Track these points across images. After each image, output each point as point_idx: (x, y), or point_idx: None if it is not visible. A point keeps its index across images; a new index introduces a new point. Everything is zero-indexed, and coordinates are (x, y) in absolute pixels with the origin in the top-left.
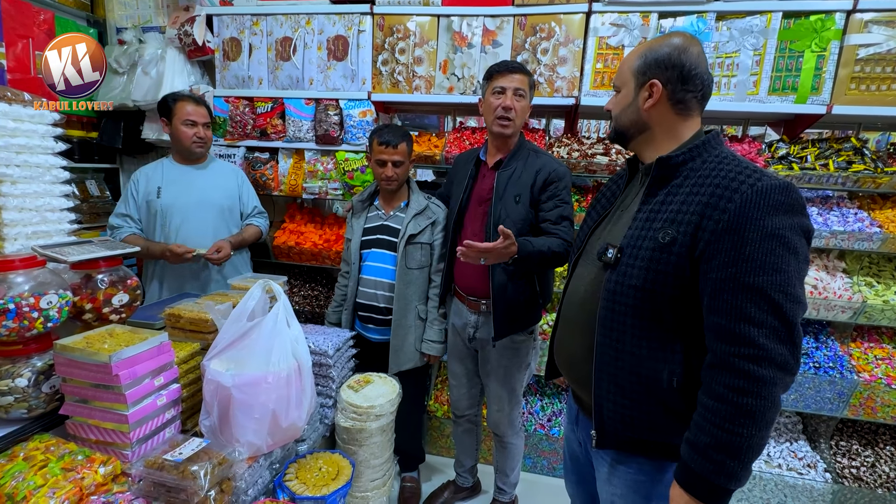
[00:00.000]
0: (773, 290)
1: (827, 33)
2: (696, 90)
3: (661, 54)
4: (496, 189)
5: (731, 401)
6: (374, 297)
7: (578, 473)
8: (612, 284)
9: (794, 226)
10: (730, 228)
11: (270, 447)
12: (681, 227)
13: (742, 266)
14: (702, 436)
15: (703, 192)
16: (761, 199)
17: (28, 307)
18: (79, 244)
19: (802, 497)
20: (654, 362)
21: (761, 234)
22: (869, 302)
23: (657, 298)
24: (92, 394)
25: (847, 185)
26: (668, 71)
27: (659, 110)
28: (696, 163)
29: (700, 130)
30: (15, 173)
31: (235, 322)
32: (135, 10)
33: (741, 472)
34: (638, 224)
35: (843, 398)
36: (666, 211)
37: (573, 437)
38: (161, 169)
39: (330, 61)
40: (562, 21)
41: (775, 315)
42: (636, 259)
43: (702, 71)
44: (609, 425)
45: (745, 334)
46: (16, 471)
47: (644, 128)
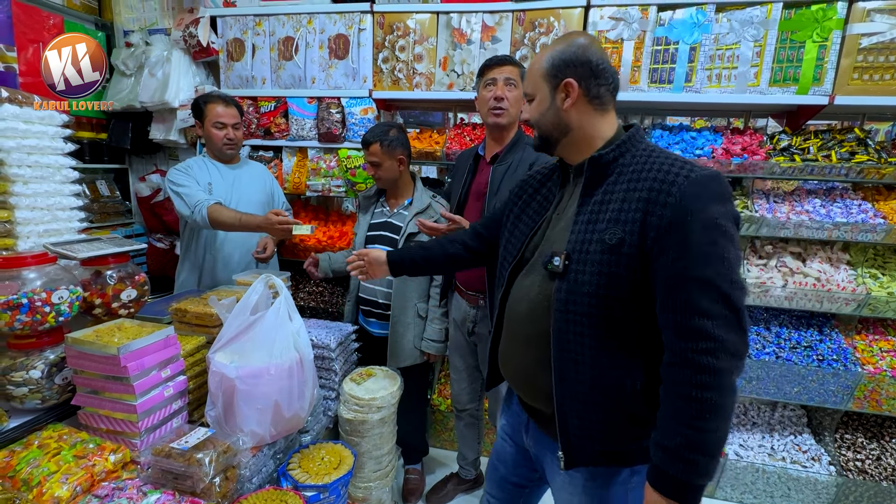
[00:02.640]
0: (720, 280)
1: (828, 23)
2: (607, 83)
3: (569, 54)
4: (491, 183)
5: (696, 398)
6: (374, 293)
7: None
8: (563, 294)
9: (728, 213)
10: (673, 222)
11: (274, 437)
12: (626, 225)
13: (689, 259)
14: (672, 437)
15: (642, 188)
16: (698, 189)
17: (41, 302)
18: (88, 241)
19: (806, 490)
20: (616, 370)
21: (702, 224)
22: (873, 294)
23: (612, 303)
24: (102, 385)
25: (850, 176)
26: (580, 68)
27: (578, 108)
28: (626, 158)
29: (620, 126)
30: (27, 173)
31: (239, 316)
32: (141, 13)
33: (712, 466)
34: (580, 227)
35: (848, 391)
36: (607, 210)
37: (511, 441)
38: (205, 165)
39: (331, 60)
40: (560, 16)
41: (725, 304)
42: (585, 264)
43: (608, 64)
44: (575, 442)
45: (700, 328)
46: (31, 458)
47: (566, 129)
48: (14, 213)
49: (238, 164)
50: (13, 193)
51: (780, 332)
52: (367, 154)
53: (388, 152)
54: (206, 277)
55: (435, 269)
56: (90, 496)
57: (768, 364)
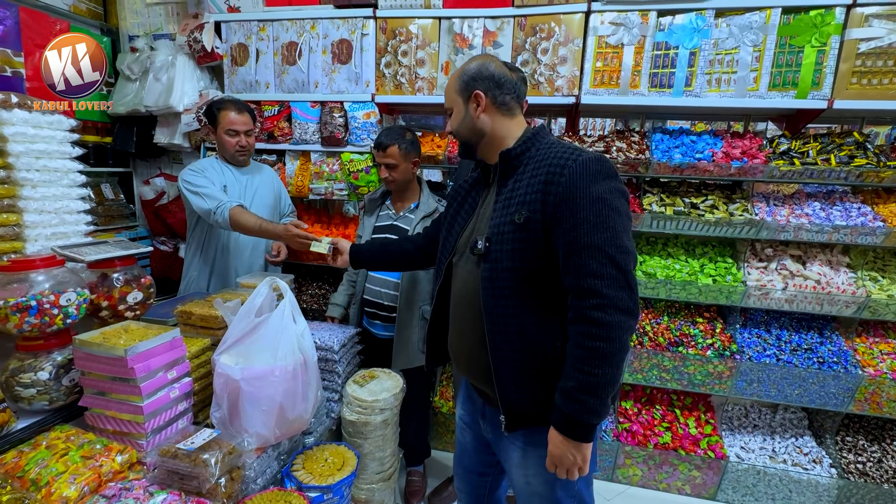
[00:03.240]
0: (607, 245)
1: (827, 28)
2: (510, 92)
3: (473, 71)
4: None
5: (587, 346)
6: (380, 295)
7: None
8: (487, 273)
9: (612, 189)
10: (565, 198)
11: (278, 438)
12: (531, 206)
13: (580, 229)
14: (568, 381)
15: (541, 173)
16: (583, 170)
17: (49, 304)
18: (95, 244)
19: (807, 492)
20: (540, 335)
21: (589, 199)
22: (873, 296)
23: (528, 274)
24: (109, 386)
25: (850, 179)
26: (485, 81)
27: (488, 115)
28: (532, 151)
29: (528, 126)
30: (35, 177)
31: (244, 318)
32: (146, 19)
33: (600, 407)
34: (497, 213)
35: (849, 393)
36: (517, 195)
37: (470, 431)
38: (220, 168)
39: (334, 65)
40: (561, 21)
41: (613, 265)
42: (502, 244)
43: (507, 77)
44: (515, 406)
45: (591, 287)
46: (39, 458)
47: (481, 133)
48: (23, 216)
49: (249, 167)
50: (22, 197)
51: (781, 334)
52: (383, 156)
53: (405, 155)
54: (216, 278)
55: (391, 265)
56: (98, 496)
57: (769, 366)
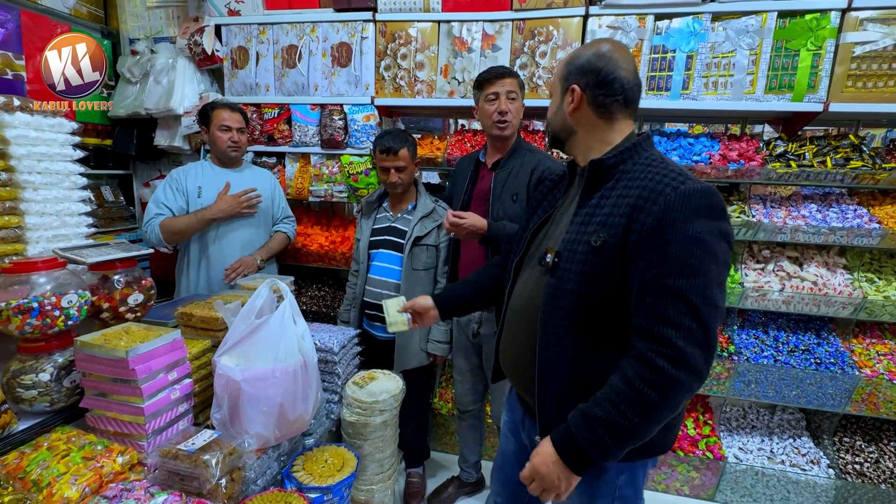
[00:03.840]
0: (691, 292)
1: (822, 32)
2: (615, 94)
3: (581, 61)
4: (493, 189)
5: (637, 388)
6: (381, 297)
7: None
8: (550, 289)
9: (714, 230)
10: (653, 231)
11: (278, 439)
12: (611, 229)
13: (664, 268)
14: (596, 409)
15: (631, 195)
16: (683, 202)
17: (50, 306)
18: (96, 246)
19: (805, 493)
20: (592, 366)
21: (683, 236)
22: (870, 297)
23: (591, 302)
24: (110, 388)
25: (846, 181)
26: (587, 76)
27: (582, 114)
28: (627, 165)
29: (632, 133)
30: (37, 180)
31: (244, 319)
32: (147, 22)
33: (615, 451)
34: (574, 228)
35: (846, 394)
36: (599, 214)
37: (513, 438)
38: (202, 170)
39: (334, 67)
40: (559, 24)
41: (692, 317)
42: (572, 263)
43: (622, 76)
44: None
45: (663, 336)
46: (40, 459)
47: (571, 131)
48: (24, 218)
49: (240, 168)
50: (24, 199)
51: (778, 335)
52: (394, 159)
53: (412, 156)
54: (203, 280)
55: (485, 299)
56: (99, 497)
57: (766, 367)
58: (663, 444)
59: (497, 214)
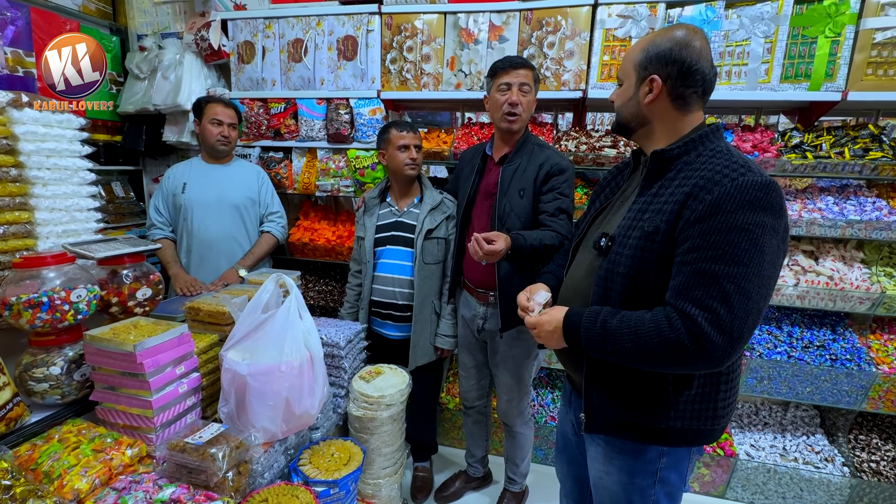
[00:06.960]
0: (726, 279)
1: (841, 18)
2: (696, 86)
3: (663, 49)
4: (501, 183)
5: (649, 331)
6: (393, 295)
7: (569, 454)
8: (602, 272)
9: (767, 224)
10: (702, 217)
11: (285, 433)
12: (664, 215)
13: (704, 252)
14: (612, 319)
15: (688, 185)
16: (738, 193)
17: (60, 300)
18: (105, 241)
19: (819, 491)
20: None
21: (729, 225)
22: (888, 292)
23: (641, 285)
24: (119, 381)
25: (864, 173)
26: (669, 67)
27: (658, 105)
28: (691, 156)
29: (701, 124)
30: (46, 176)
31: (250, 314)
32: (154, 18)
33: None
34: (631, 215)
35: (862, 391)
36: (656, 203)
37: (567, 417)
38: (189, 166)
39: (340, 61)
40: (568, 14)
41: (722, 303)
42: (624, 248)
43: (703, 66)
44: (597, 409)
45: (690, 314)
46: (52, 451)
47: (644, 121)
48: (34, 214)
49: (227, 163)
50: (33, 195)
51: (793, 331)
52: (413, 138)
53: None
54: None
55: None
56: (108, 489)
57: (780, 363)
58: (712, 434)
59: (504, 210)
